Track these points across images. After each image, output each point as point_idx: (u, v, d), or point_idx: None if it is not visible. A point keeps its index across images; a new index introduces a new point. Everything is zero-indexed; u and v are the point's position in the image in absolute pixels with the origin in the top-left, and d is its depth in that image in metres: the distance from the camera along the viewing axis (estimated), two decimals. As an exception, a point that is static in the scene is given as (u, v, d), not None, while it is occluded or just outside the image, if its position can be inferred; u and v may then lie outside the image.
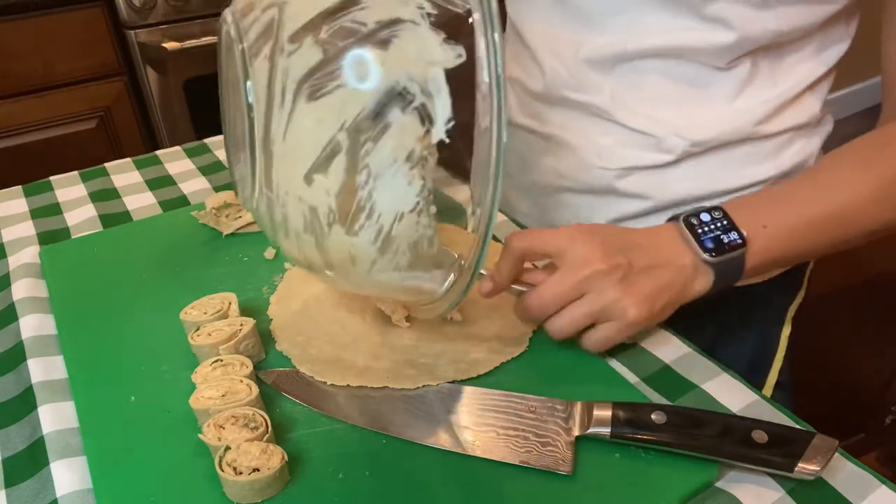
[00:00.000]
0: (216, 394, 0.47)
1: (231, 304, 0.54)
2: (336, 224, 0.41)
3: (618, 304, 0.49)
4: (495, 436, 0.46)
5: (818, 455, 0.42)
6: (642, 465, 0.45)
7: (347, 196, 0.40)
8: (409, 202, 0.40)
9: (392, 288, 0.46)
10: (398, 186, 0.39)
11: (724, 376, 0.52)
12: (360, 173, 0.39)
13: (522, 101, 0.71)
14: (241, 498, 0.43)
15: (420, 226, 0.41)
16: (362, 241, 0.41)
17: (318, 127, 0.39)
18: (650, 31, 0.60)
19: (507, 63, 0.72)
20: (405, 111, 0.38)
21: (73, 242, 0.69)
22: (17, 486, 0.45)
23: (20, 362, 0.54)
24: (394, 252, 0.42)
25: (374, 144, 0.39)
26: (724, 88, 0.61)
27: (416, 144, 0.38)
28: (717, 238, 0.51)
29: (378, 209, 0.40)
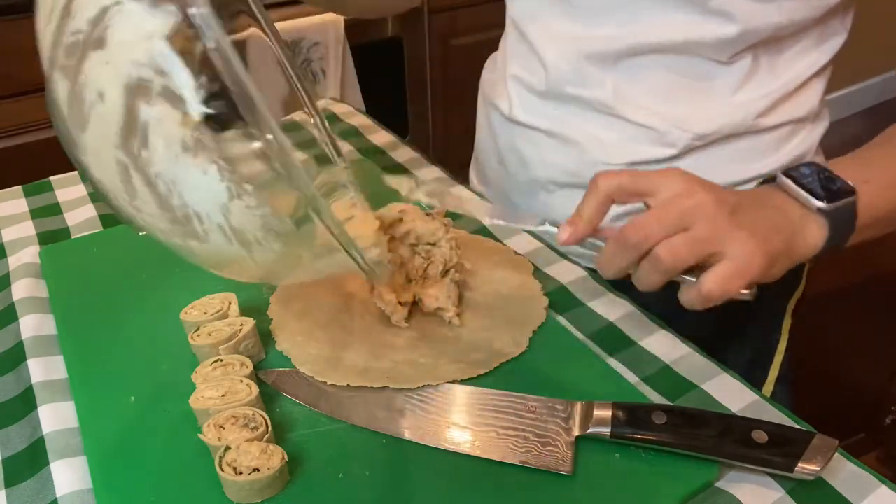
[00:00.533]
0: (216, 394, 0.47)
1: (231, 304, 0.54)
2: (188, 239, 0.39)
3: (733, 235, 0.43)
4: (495, 436, 0.46)
5: (818, 455, 0.42)
6: (642, 465, 0.45)
7: (169, 209, 0.37)
8: (220, 191, 0.35)
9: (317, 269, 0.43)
10: (197, 181, 0.35)
11: (724, 376, 0.52)
12: (157, 184, 0.36)
13: (524, 97, 0.71)
14: (241, 498, 0.43)
15: (252, 208, 0.36)
16: (220, 245, 0.38)
17: (102, 155, 0.36)
18: (652, 25, 0.60)
19: (508, 61, 0.72)
20: (152, 102, 0.34)
21: (73, 242, 0.68)
22: (17, 486, 0.45)
23: (20, 362, 0.54)
24: (256, 242, 0.38)
25: (147, 150, 0.35)
26: (726, 82, 0.61)
27: (182, 130, 0.34)
28: (825, 186, 0.47)
29: (200, 210, 0.37)
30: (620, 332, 0.57)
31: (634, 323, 0.58)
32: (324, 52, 1.68)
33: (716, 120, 0.62)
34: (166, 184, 0.36)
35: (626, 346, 0.55)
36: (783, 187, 0.49)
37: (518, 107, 0.71)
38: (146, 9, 0.33)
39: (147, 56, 0.33)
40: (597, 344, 0.56)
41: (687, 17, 0.58)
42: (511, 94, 0.72)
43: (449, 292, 0.55)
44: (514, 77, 0.71)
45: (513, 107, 0.72)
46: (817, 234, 0.48)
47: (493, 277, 0.61)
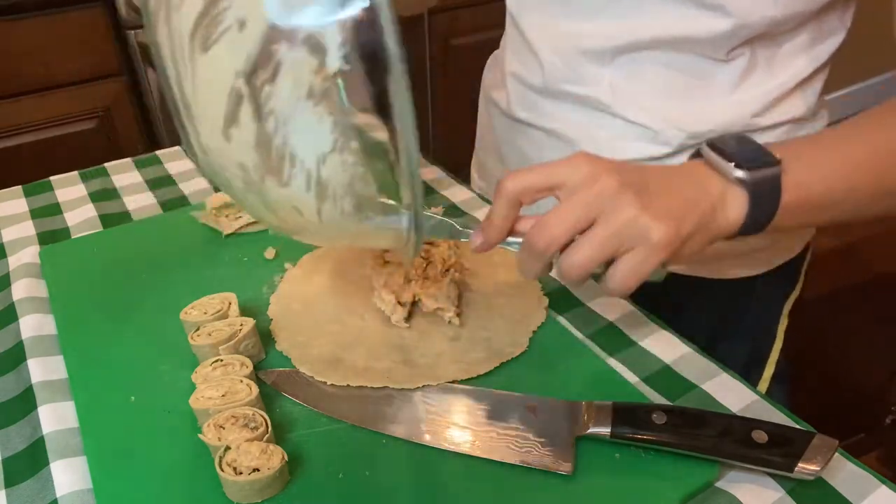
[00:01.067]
0: (216, 394, 0.47)
1: (231, 304, 0.54)
2: (268, 177, 0.39)
3: (637, 223, 0.42)
4: (495, 436, 0.46)
5: (818, 455, 0.42)
6: (642, 465, 0.45)
7: (265, 146, 0.37)
8: (326, 142, 0.36)
9: (356, 234, 0.43)
10: (309, 127, 0.36)
11: (723, 376, 0.52)
12: (268, 119, 0.36)
13: (522, 94, 0.71)
14: (241, 498, 0.43)
15: (347, 165, 0.37)
16: (296, 191, 0.39)
17: (217, 78, 0.37)
18: (647, 20, 0.59)
19: (507, 58, 0.72)
20: (294, 45, 0.34)
21: (73, 242, 0.69)
22: (17, 486, 0.45)
23: (20, 362, 0.54)
24: (332, 197, 0.39)
25: (271, 86, 0.35)
26: (724, 80, 0.61)
27: (314, 78, 0.34)
28: (748, 157, 0.45)
29: (298, 154, 0.37)
30: (620, 332, 0.57)
31: (634, 323, 0.58)
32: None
33: (712, 119, 0.61)
34: (277, 121, 0.36)
35: (626, 346, 0.55)
36: (705, 157, 0.47)
37: (516, 103, 0.71)
38: None
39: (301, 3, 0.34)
40: (597, 344, 0.56)
41: (682, 11, 0.57)
42: (509, 90, 0.72)
43: (448, 292, 0.55)
44: (513, 73, 0.71)
45: (511, 103, 0.72)
46: (738, 207, 0.45)
47: (493, 277, 0.61)
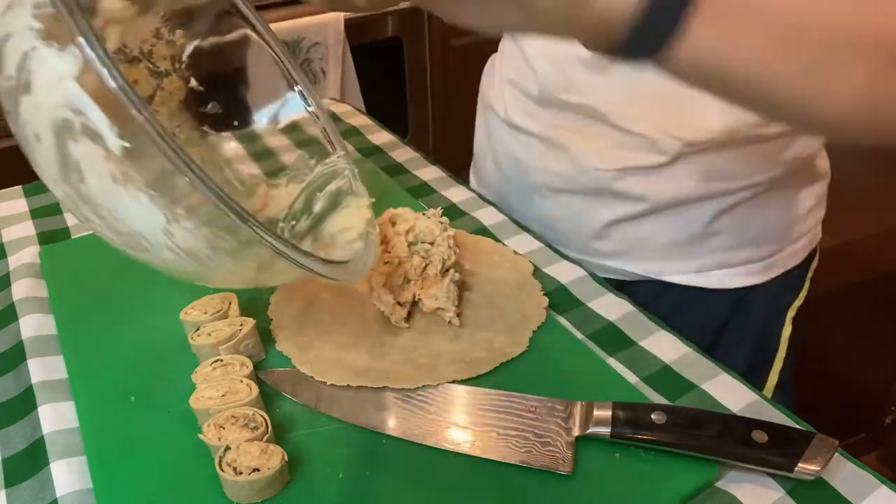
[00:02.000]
0: (216, 394, 0.47)
1: (231, 304, 0.54)
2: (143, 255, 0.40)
3: None
4: (495, 436, 0.46)
5: (818, 455, 0.42)
6: (642, 465, 0.45)
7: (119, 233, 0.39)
8: (157, 219, 0.37)
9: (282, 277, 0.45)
10: (134, 210, 0.36)
11: (724, 376, 0.52)
12: (102, 213, 0.37)
13: (519, 101, 0.71)
14: (241, 498, 0.43)
15: (192, 230, 0.37)
16: (177, 262, 0.40)
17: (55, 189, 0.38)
18: None
19: (503, 64, 0.72)
20: (77, 140, 0.35)
21: (73, 242, 0.68)
22: (17, 486, 0.45)
23: (20, 362, 0.54)
24: (208, 258, 0.39)
25: (85, 185, 0.36)
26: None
27: (108, 165, 0.35)
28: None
29: (145, 235, 0.38)
30: (620, 332, 0.57)
31: (634, 323, 0.58)
32: (324, 52, 1.68)
33: (710, 128, 0.61)
34: (110, 213, 0.37)
35: (626, 346, 0.55)
36: None
37: (513, 110, 0.71)
38: (56, 52, 0.34)
39: (64, 98, 0.34)
40: (597, 344, 0.56)
41: None
42: (506, 97, 0.72)
43: (448, 292, 0.55)
44: (509, 80, 0.71)
45: (508, 110, 0.72)
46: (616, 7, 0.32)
47: (493, 277, 0.61)
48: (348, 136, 0.90)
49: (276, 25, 1.56)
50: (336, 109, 0.98)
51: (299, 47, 1.64)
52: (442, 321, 0.56)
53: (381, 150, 0.86)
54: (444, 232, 0.58)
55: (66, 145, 0.35)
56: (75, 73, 0.33)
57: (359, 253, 0.50)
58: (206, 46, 0.55)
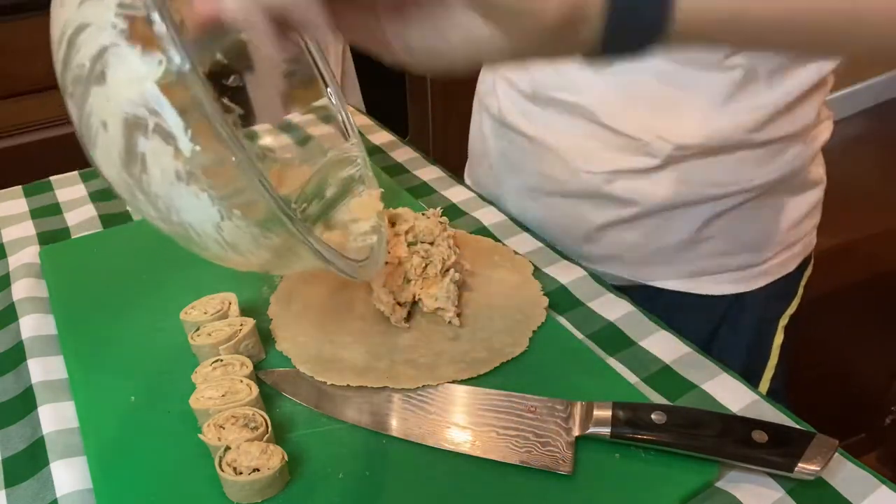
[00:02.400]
0: (216, 394, 0.47)
1: (231, 304, 0.54)
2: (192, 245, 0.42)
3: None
4: (495, 436, 0.46)
5: (818, 455, 0.42)
6: (642, 465, 0.45)
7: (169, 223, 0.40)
8: (211, 215, 0.38)
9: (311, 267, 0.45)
10: (192, 204, 0.38)
11: (724, 376, 0.52)
12: (157, 204, 0.39)
13: (512, 99, 0.70)
14: (241, 498, 0.43)
15: (243, 228, 0.39)
16: (219, 253, 0.41)
17: (110, 172, 0.39)
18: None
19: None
20: (148, 136, 0.36)
21: (73, 242, 0.68)
22: (17, 486, 0.45)
23: (20, 362, 0.54)
24: (251, 252, 0.41)
25: (147, 175, 0.37)
26: (715, 91, 0.59)
27: (175, 162, 0.36)
28: None
29: (196, 227, 0.39)
30: (620, 332, 0.57)
31: (634, 323, 0.58)
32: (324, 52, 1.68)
33: (701, 131, 0.60)
34: (165, 204, 0.39)
35: (626, 346, 0.55)
36: None
37: (506, 108, 0.71)
38: (139, 55, 0.35)
39: (140, 97, 0.35)
40: (597, 344, 0.56)
41: None
42: (500, 94, 0.71)
43: (448, 292, 0.55)
44: (503, 78, 0.70)
45: (501, 108, 0.71)
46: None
47: (493, 277, 0.61)
48: (348, 136, 0.90)
49: (276, 25, 1.56)
50: (336, 109, 0.98)
51: (299, 47, 1.64)
52: (442, 321, 0.56)
53: (381, 150, 0.86)
54: (444, 232, 0.58)
55: (136, 139, 0.36)
56: (157, 78, 0.34)
57: (374, 250, 0.51)
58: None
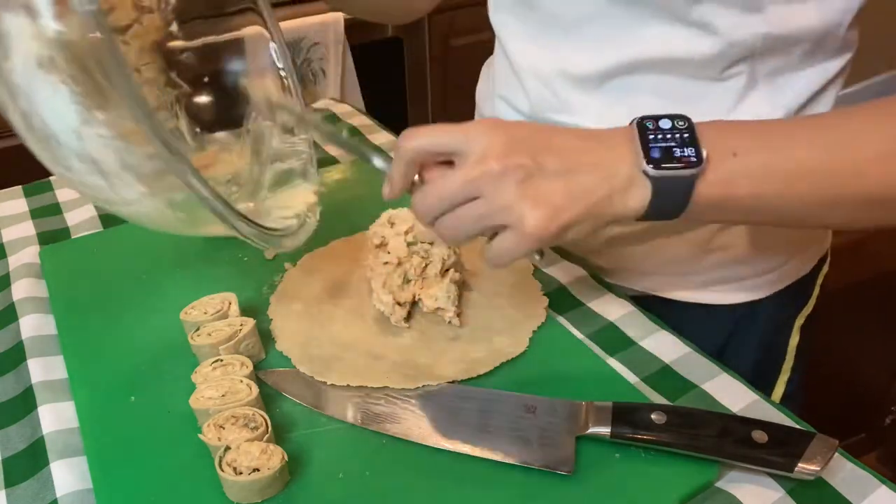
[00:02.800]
0: (216, 394, 0.47)
1: (231, 304, 0.54)
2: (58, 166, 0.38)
3: (513, 210, 0.42)
4: (495, 436, 0.46)
5: (818, 455, 0.42)
6: (642, 465, 0.45)
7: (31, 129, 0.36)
8: (70, 114, 0.34)
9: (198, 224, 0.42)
10: (49, 98, 0.34)
11: (724, 376, 0.52)
12: (18, 98, 0.35)
13: (511, 119, 0.68)
14: (241, 498, 0.43)
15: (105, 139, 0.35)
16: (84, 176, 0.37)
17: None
18: (631, 41, 0.55)
19: (496, 78, 0.69)
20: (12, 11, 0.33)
21: (73, 242, 0.68)
22: (17, 486, 0.45)
23: (20, 362, 0.54)
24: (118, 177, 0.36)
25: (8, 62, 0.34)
26: (719, 102, 0.57)
27: (37, 45, 0.33)
28: (667, 149, 0.43)
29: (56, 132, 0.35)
30: (620, 332, 0.57)
31: (634, 323, 0.58)
32: (324, 52, 1.68)
33: None
34: (25, 97, 0.35)
35: (626, 346, 0.55)
36: (628, 135, 0.44)
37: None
38: None
39: None
40: (597, 344, 0.56)
41: (666, 29, 0.54)
42: (498, 113, 0.69)
43: (448, 292, 0.55)
44: (501, 97, 0.69)
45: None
46: (637, 197, 0.43)
47: (493, 277, 0.61)
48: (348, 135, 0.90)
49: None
50: (336, 109, 0.98)
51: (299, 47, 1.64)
52: (442, 321, 0.56)
53: (381, 150, 0.86)
54: None
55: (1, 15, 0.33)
56: None
57: (289, 228, 0.49)
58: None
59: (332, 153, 0.86)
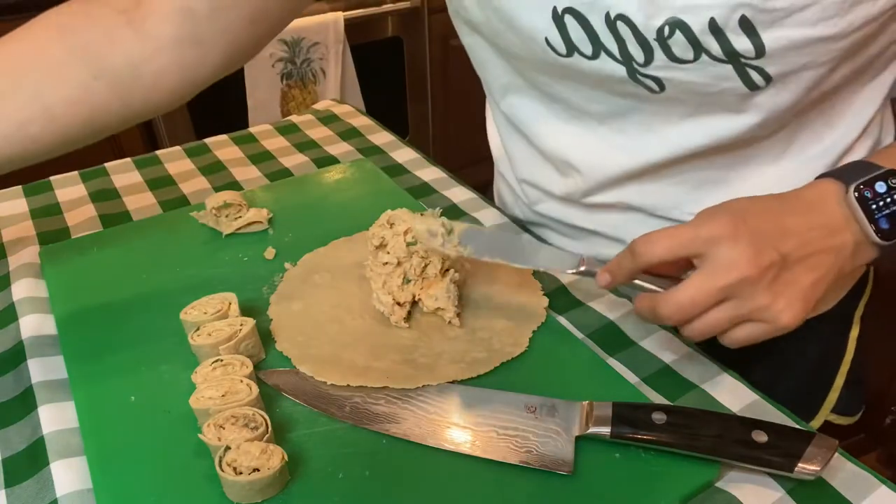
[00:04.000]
0: (216, 394, 0.47)
1: (231, 304, 0.54)
2: None
3: (769, 311, 0.43)
4: (495, 436, 0.46)
5: (818, 455, 0.42)
6: (642, 465, 0.45)
7: None
8: None
9: None
10: None
11: (724, 376, 0.52)
12: None
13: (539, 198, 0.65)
14: (241, 498, 0.43)
15: None
16: None
17: None
18: (675, 135, 0.53)
19: (515, 164, 0.66)
20: None
21: (73, 242, 0.68)
22: (17, 486, 0.45)
23: (20, 362, 0.54)
24: None
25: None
26: (764, 154, 0.54)
27: None
28: (893, 215, 0.44)
29: None
30: (620, 332, 0.57)
31: (634, 323, 0.58)
32: (324, 52, 1.68)
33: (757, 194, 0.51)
34: None
35: (626, 346, 0.55)
36: (850, 208, 0.45)
37: (538, 205, 0.66)
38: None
39: None
40: (597, 344, 0.56)
41: (710, 118, 0.51)
42: (524, 193, 0.67)
43: (448, 292, 0.55)
44: (525, 181, 0.66)
45: (531, 203, 0.67)
46: (865, 257, 0.46)
47: (493, 277, 0.61)
48: (348, 136, 0.90)
49: (276, 25, 1.56)
50: (336, 110, 0.98)
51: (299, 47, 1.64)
52: (442, 321, 0.56)
53: (381, 151, 0.86)
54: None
55: None
56: None
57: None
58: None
59: (335, 154, 0.86)
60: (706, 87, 0.48)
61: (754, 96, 0.48)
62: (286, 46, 1.62)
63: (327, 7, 1.67)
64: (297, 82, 1.70)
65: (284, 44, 1.61)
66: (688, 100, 0.50)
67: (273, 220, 0.70)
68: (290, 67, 1.66)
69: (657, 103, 0.51)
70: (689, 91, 0.49)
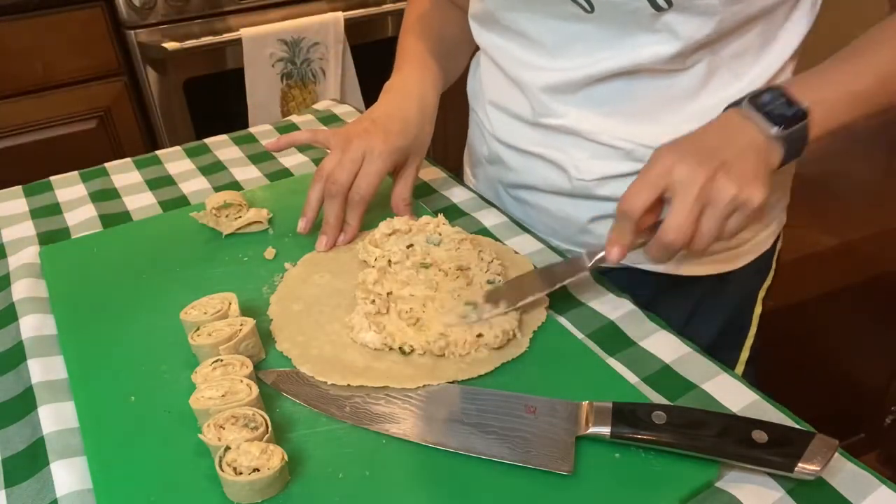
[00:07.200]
0: (216, 394, 0.47)
1: (231, 304, 0.54)
2: None
3: (739, 197, 0.50)
4: (495, 436, 0.46)
5: (818, 455, 0.42)
6: (642, 465, 0.45)
7: None
8: None
9: None
10: None
11: (724, 376, 0.52)
12: None
13: (504, 122, 0.73)
14: (241, 498, 0.43)
15: None
16: None
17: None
18: (606, 56, 0.62)
19: (486, 87, 0.75)
20: None
21: (73, 242, 0.68)
22: (17, 486, 0.45)
23: (20, 362, 0.54)
24: None
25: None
26: (684, 88, 0.62)
27: None
28: (780, 114, 0.53)
29: None
30: (620, 332, 0.57)
31: (634, 323, 0.58)
32: (324, 52, 1.68)
33: (677, 131, 0.59)
34: None
35: (626, 346, 0.55)
36: (745, 112, 0.54)
37: (499, 129, 0.73)
38: None
39: None
40: (597, 344, 0.56)
41: (633, 41, 0.60)
42: (491, 117, 0.74)
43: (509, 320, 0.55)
44: (493, 103, 0.74)
45: (494, 129, 0.74)
46: (776, 153, 0.54)
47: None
48: (348, 136, 0.90)
49: (277, 25, 1.56)
50: (336, 110, 0.98)
51: (299, 47, 1.64)
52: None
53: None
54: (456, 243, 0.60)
55: None
56: None
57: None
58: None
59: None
60: (624, 5, 0.58)
61: (662, 16, 0.57)
62: (286, 46, 1.62)
63: (327, 7, 1.67)
64: (297, 82, 1.70)
65: (284, 44, 1.61)
66: (613, 20, 0.60)
67: (273, 220, 0.70)
68: (290, 67, 1.66)
69: (592, 24, 0.61)
70: (612, 8, 0.59)
